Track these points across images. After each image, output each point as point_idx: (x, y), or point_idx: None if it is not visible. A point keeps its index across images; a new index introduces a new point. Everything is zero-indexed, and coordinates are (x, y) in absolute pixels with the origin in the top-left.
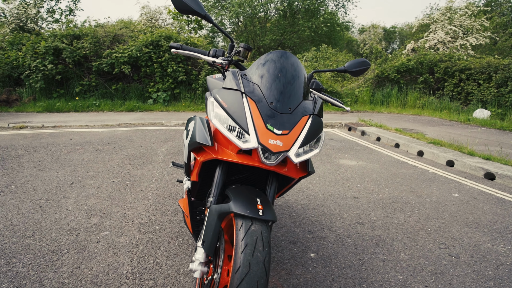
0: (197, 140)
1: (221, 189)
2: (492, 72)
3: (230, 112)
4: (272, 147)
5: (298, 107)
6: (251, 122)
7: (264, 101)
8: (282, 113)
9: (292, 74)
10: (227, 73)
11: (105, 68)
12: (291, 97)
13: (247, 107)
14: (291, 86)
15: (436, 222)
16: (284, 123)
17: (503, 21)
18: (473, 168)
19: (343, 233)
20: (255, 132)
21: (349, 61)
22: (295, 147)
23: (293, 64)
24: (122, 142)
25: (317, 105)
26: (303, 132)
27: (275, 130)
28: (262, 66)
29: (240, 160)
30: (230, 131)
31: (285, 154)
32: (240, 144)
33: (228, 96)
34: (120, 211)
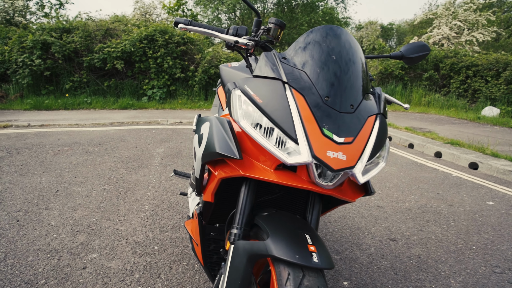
0: (218, 150)
1: (248, 216)
2: (501, 69)
3: (267, 110)
4: (333, 162)
5: (361, 104)
6: (301, 125)
7: (316, 94)
8: (342, 112)
9: (349, 58)
10: (261, 55)
11: (97, 64)
12: (351, 89)
13: (293, 103)
14: (349, 74)
15: (479, 237)
16: (347, 126)
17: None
18: (501, 172)
19: (375, 252)
20: (307, 140)
21: (405, 45)
22: (362, 162)
23: (349, 43)
24: (115, 143)
25: (382, 100)
26: (371, 139)
27: (335, 137)
28: (307, 46)
29: (281, 180)
30: (267, 136)
31: (349, 172)
32: (285, 158)
33: (263, 88)
34: (112, 226)
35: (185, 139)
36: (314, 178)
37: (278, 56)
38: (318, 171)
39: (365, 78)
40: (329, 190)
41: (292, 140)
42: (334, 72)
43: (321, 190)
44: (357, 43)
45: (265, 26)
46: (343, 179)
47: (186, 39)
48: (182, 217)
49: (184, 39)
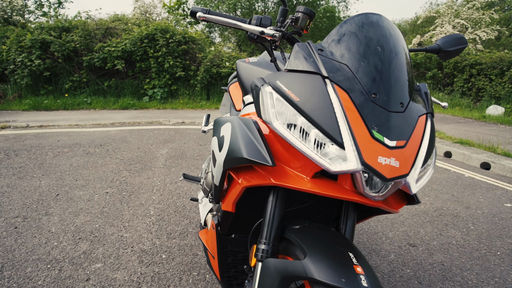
0: (247, 156)
1: (277, 230)
2: (505, 67)
3: (305, 109)
4: (385, 169)
5: (410, 102)
6: (347, 126)
7: (361, 91)
8: (392, 111)
9: (392, 49)
10: (294, 47)
11: (97, 63)
12: (399, 85)
13: (337, 101)
14: (395, 67)
15: (502, 242)
16: (398, 128)
17: (507, 16)
18: None
19: (396, 259)
20: (355, 144)
21: (442, 38)
22: (416, 169)
23: (391, 32)
24: (117, 144)
25: (429, 97)
26: (423, 142)
27: (387, 141)
28: (344, 37)
29: (321, 190)
30: (304, 139)
31: (402, 181)
32: (329, 166)
33: (300, 83)
34: (116, 233)
35: (188, 139)
36: (362, 189)
37: (314, 47)
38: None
39: (411, 72)
40: (378, 202)
41: (337, 144)
42: (379, 65)
43: (369, 202)
44: (400, 32)
45: (293, 16)
46: (394, 189)
47: (187, 38)
48: (189, 222)
49: (185, 38)
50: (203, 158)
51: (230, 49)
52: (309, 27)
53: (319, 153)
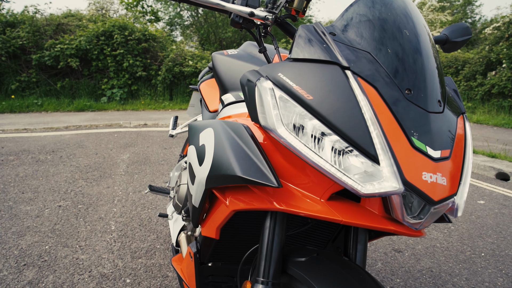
0: (242, 174)
1: (277, 263)
2: (459, 66)
3: (323, 111)
4: (431, 189)
5: (447, 100)
6: (381, 132)
7: (393, 86)
8: (431, 112)
9: (420, 33)
10: (299, 29)
11: (48, 62)
12: (434, 78)
13: (365, 99)
14: (424, 55)
15: (484, 242)
16: (440, 133)
17: (456, 18)
18: (482, 168)
19: (384, 268)
20: (393, 158)
21: (448, 27)
22: (465, 185)
23: (415, 13)
24: (71, 149)
25: (458, 94)
26: (467, 150)
27: (430, 151)
28: (364, 16)
29: (344, 218)
30: (317, 147)
31: (449, 203)
32: (358, 187)
33: (312, 76)
34: (70, 255)
35: (152, 143)
36: (401, 216)
37: (325, 30)
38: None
39: (439, 62)
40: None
41: (368, 157)
42: (409, 53)
43: (409, 232)
44: (420, 12)
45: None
46: (439, 214)
47: (147, 35)
48: (157, 237)
49: (145, 35)
50: (168, 163)
51: (192, 48)
52: (306, 9)
53: (342, 168)
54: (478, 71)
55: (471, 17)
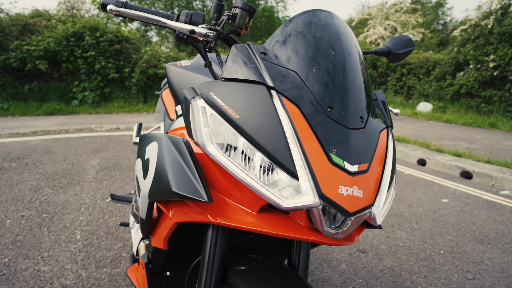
0: (176, 189)
1: (218, 273)
2: (430, 67)
3: (248, 129)
4: (347, 201)
5: (370, 115)
6: (300, 150)
7: (315, 104)
8: (351, 128)
9: (347, 51)
10: (231, 49)
11: (14, 64)
12: (357, 95)
13: (286, 118)
14: (350, 74)
15: (444, 239)
16: (360, 148)
17: (427, 19)
18: (447, 167)
19: (347, 269)
20: (310, 173)
21: (391, 39)
22: (381, 196)
23: (344, 31)
24: (38, 156)
25: (387, 107)
26: (388, 162)
27: (348, 166)
28: (293, 36)
29: (271, 230)
30: (246, 165)
31: (367, 213)
32: (279, 201)
33: (239, 96)
34: (31, 267)
35: (123, 147)
36: (321, 226)
37: (255, 50)
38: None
39: (366, 77)
40: (341, 240)
41: (288, 173)
42: (333, 71)
43: (330, 242)
44: (352, 32)
45: (230, 12)
46: (359, 223)
47: (120, 37)
48: (123, 245)
49: (118, 37)
50: None
51: (168, 49)
52: (248, 25)
53: (266, 183)
54: (448, 71)
55: (442, 19)
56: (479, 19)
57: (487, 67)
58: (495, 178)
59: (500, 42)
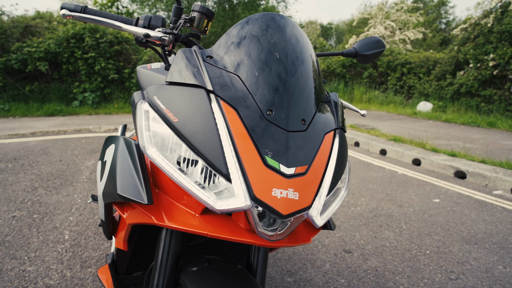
0: (119, 191)
1: (171, 274)
2: (431, 66)
3: (185, 132)
4: (281, 204)
5: (315, 118)
6: (233, 153)
7: (254, 107)
8: (291, 131)
9: (297, 56)
10: (177, 53)
11: (15, 65)
12: (302, 98)
13: (222, 121)
14: (298, 77)
15: (431, 240)
16: (298, 151)
17: (430, 18)
18: (442, 167)
19: (331, 269)
20: (243, 176)
21: (359, 41)
22: (321, 199)
23: (296, 37)
24: (35, 157)
25: (340, 109)
26: (330, 164)
27: (283, 168)
28: (241, 41)
29: (209, 231)
30: (189, 170)
31: (304, 215)
32: (213, 203)
33: (180, 100)
34: (17, 267)
35: None
36: (256, 227)
37: (200, 54)
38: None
39: (318, 82)
40: (278, 242)
41: (222, 176)
42: (278, 75)
43: (267, 244)
44: (306, 37)
45: (187, 15)
46: (296, 224)
47: (120, 38)
48: (110, 245)
49: (117, 38)
50: None
51: None
52: (207, 28)
53: (209, 187)
54: (448, 71)
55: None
56: (479, 18)
57: (487, 66)
58: (489, 178)
59: (499, 41)
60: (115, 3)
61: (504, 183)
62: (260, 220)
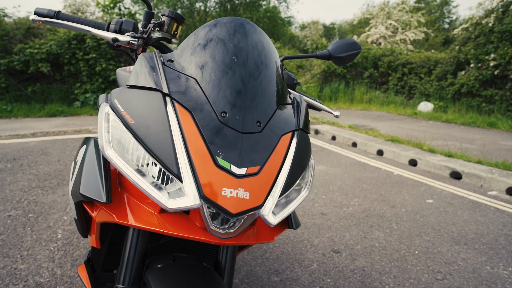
0: (81, 190)
1: (137, 270)
2: (432, 66)
3: (140, 134)
4: (230, 203)
5: (272, 120)
6: (185, 154)
7: (208, 110)
8: (245, 133)
9: (259, 60)
10: (138, 58)
11: (17, 66)
12: (259, 100)
13: (176, 123)
14: (257, 80)
15: (421, 240)
16: (252, 152)
17: (432, 18)
18: (438, 167)
19: (318, 269)
20: (194, 176)
21: (333, 43)
22: (273, 198)
23: (257, 41)
24: (34, 157)
25: (302, 111)
26: (285, 165)
27: (234, 169)
28: (202, 44)
29: (165, 229)
30: (145, 170)
31: (255, 214)
32: (164, 202)
33: (138, 102)
34: (9, 266)
35: None
36: (208, 225)
37: (160, 58)
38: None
39: (281, 86)
40: (233, 240)
41: (174, 176)
42: (235, 78)
43: (220, 242)
44: (272, 44)
45: (157, 20)
46: (249, 222)
47: None
48: None
49: None
50: None
51: None
52: (177, 32)
53: (165, 187)
54: (449, 71)
55: (448, 17)
56: (480, 18)
57: (488, 66)
58: (484, 179)
59: (500, 41)
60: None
61: (499, 183)
62: (215, 219)
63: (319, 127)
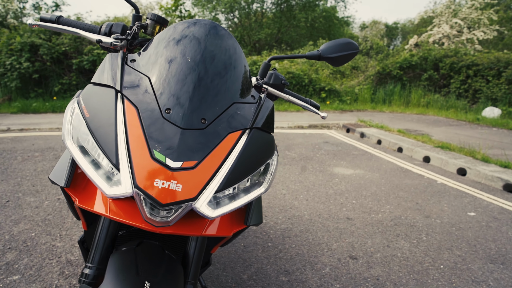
0: (50, 176)
1: (106, 251)
2: (502, 68)
3: (92, 127)
4: (161, 193)
5: (220, 117)
6: (124, 146)
7: (153, 106)
8: (186, 129)
9: (225, 62)
10: (105, 58)
11: (86, 66)
12: (208, 99)
13: (121, 118)
14: (213, 80)
15: (451, 254)
16: (190, 147)
17: (509, 15)
18: (489, 178)
19: (329, 273)
20: (130, 167)
21: (325, 43)
22: (208, 192)
23: (231, 46)
24: None
25: (262, 110)
26: (227, 162)
27: (169, 162)
28: (162, 43)
29: (112, 215)
30: (98, 160)
31: (188, 206)
32: (105, 189)
33: (94, 98)
34: (49, 242)
35: None
36: (143, 213)
37: (123, 58)
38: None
39: (240, 86)
40: (172, 228)
41: (114, 166)
42: (186, 78)
43: (154, 229)
44: (240, 48)
45: (140, 22)
46: (184, 212)
47: None
48: None
49: None
50: None
51: None
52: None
53: (111, 176)
54: None
55: None
56: None
57: None
58: None
59: None
60: (179, 7)
61: None
62: (148, 207)
63: (365, 130)
